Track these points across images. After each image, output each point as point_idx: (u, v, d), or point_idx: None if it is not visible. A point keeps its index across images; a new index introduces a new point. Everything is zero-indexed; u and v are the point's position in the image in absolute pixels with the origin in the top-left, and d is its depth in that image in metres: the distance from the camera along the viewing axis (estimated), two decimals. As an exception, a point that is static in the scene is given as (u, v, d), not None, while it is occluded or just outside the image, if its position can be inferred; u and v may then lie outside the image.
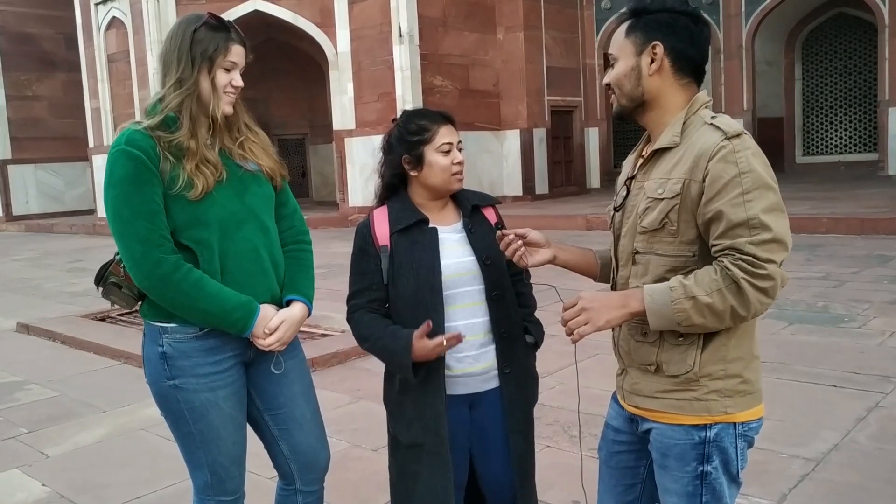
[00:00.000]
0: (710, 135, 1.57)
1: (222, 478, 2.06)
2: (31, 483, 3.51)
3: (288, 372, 2.13)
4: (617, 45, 1.69)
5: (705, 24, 1.68)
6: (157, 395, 2.05)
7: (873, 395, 3.93)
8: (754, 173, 1.52)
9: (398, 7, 14.14)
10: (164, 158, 1.92)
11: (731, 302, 1.50)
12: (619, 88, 1.69)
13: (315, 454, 2.17)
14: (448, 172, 2.02)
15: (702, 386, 1.62)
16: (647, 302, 1.56)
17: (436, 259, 1.99)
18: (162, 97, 1.98)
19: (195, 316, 1.96)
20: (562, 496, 2.97)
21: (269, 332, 2.01)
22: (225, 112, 2.01)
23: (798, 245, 8.49)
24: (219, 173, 1.97)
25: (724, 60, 16.50)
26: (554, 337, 2.35)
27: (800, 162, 18.19)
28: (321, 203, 19.22)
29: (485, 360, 2.03)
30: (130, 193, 1.89)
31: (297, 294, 2.11)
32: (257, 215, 2.05)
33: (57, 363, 5.74)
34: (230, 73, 1.99)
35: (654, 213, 1.61)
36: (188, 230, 1.95)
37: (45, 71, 21.72)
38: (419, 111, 2.11)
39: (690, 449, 1.64)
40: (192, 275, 1.93)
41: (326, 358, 5.11)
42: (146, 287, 1.95)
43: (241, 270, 2.01)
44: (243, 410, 2.10)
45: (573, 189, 17.18)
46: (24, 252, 14.52)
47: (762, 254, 1.49)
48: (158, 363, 2.00)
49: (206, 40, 1.95)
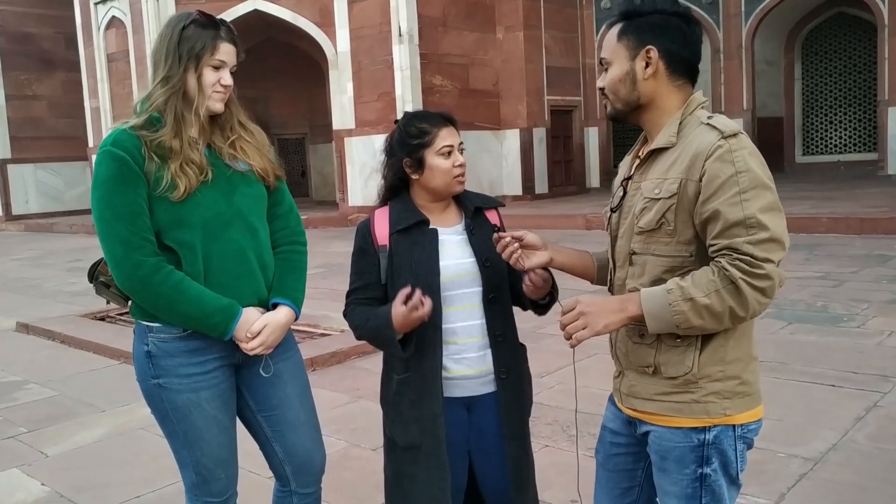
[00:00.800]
0: (707, 134, 1.57)
1: (207, 479, 2.05)
2: (30, 482, 3.51)
3: (281, 373, 2.11)
4: (609, 50, 1.68)
5: (697, 24, 1.67)
6: (144, 393, 2.06)
7: (872, 394, 3.93)
8: (751, 173, 1.52)
9: (398, 6, 14.13)
10: (149, 159, 1.90)
11: (729, 303, 1.49)
12: (614, 93, 1.68)
13: (309, 456, 2.15)
14: (449, 175, 2.01)
15: (700, 388, 1.61)
16: (644, 306, 1.55)
17: (435, 260, 1.99)
18: (148, 95, 1.97)
19: (175, 318, 1.95)
20: (561, 496, 2.97)
21: (251, 335, 1.98)
22: (215, 110, 1.99)
23: (797, 245, 8.50)
24: (203, 174, 1.95)
25: (724, 60, 16.50)
26: (553, 336, 2.35)
27: (799, 161, 18.19)
28: (321, 203, 19.23)
29: (482, 363, 2.03)
30: (113, 195, 1.89)
31: (283, 297, 2.08)
32: (245, 216, 2.03)
33: (56, 363, 5.75)
34: (218, 72, 1.97)
35: (651, 213, 1.61)
36: (171, 231, 1.94)
37: (44, 70, 21.71)
38: (420, 113, 2.09)
39: (689, 451, 1.63)
40: (173, 277, 1.91)
41: (325, 357, 5.11)
42: (127, 289, 1.95)
43: (225, 272, 1.99)
44: (229, 413, 2.08)
45: (573, 189, 17.18)
46: (23, 252, 14.52)
47: (759, 253, 1.48)
48: (144, 361, 2.01)
49: (194, 38, 1.94)
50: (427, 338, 1.98)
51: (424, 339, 1.98)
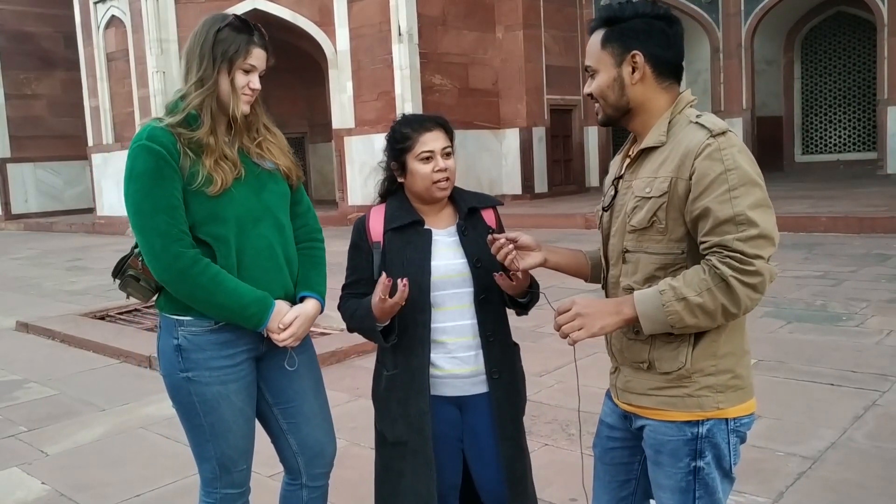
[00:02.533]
0: (696, 133, 1.59)
1: (230, 470, 2.09)
2: (30, 481, 3.51)
3: (298, 367, 2.15)
4: (594, 57, 1.68)
5: (678, 23, 1.69)
6: (169, 387, 2.08)
7: (871, 393, 3.94)
8: (740, 170, 1.54)
9: (397, 6, 14.13)
10: (183, 154, 1.95)
11: (721, 300, 1.51)
12: (603, 99, 1.69)
13: (322, 448, 2.20)
14: (429, 181, 2.00)
15: (694, 382, 1.63)
16: (638, 308, 1.57)
17: (426, 260, 2.00)
18: (184, 95, 2.01)
19: (212, 310, 1.99)
20: (560, 494, 2.98)
21: (283, 327, 2.04)
22: (242, 112, 2.04)
23: (796, 244, 8.51)
24: (237, 170, 2.01)
25: (724, 59, 16.51)
26: (552, 335, 2.36)
27: (799, 161, 18.20)
28: (320, 202, 19.20)
29: (473, 363, 2.04)
30: (151, 188, 1.93)
31: (310, 291, 2.15)
32: (273, 213, 2.09)
33: (56, 362, 5.75)
34: (249, 76, 2.02)
35: (643, 211, 1.63)
36: (206, 225, 1.98)
37: (44, 69, 21.69)
38: (408, 118, 2.09)
39: (683, 445, 1.65)
40: (210, 269, 1.96)
41: (325, 356, 5.11)
42: (165, 280, 1.98)
43: (256, 266, 2.04)
44: (253, 404, 2.13)
45: (572, 188, 17.18)
46: (23, 251, 14.51)
47: (749, 250, 1.50)
48: (173, 355, 2.03)
49: (228, 41, 1.98)
50: (416, 336, 2.00)
51: (413, 336, 2.00)
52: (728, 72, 16.50)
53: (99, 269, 10.39)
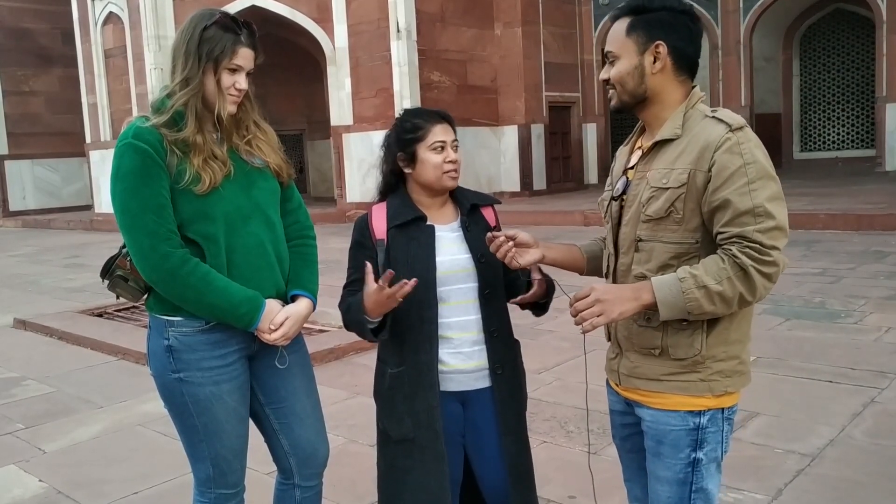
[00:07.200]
0: (715, 127, 1.63)
1: (224, 471, 2.08)
2: (27, 479, 3.50)
3: (290, 366, 2.14)
4: (618, 43, 1.71)
5: (700, 21, 1.74)
6: (161, 388, 2.06)
7: (869, 390, 3.94)
8: (758, 164, 1.60)
9: (396, 2, 14.10)
10: (170, 152, 1.92)
11: (739, 289, 1.57)
12: (620, 86, 1.72)
13: (314, 449, 2.18)
14: (440, 170, 2.02)
15: (707, 367, 1.68)
16: (657, 294, 1.60)
17: (431, 256, 2.00)
18: (170, 93, 1.98)
19: (202, 310, 1.97)
20: (559, 491, 2.98)
21: (274, 326, 2.02)
22: (229, 112, 2.01)
23: (795, 241, 8.50)
24: (226, 168, 1.98)
25: (722, 56, 16.50)
26: (551, 333, 2.36)
27: (797, 158, 18.20)
28: (319, 199, 19.20)
29: (477, 358, 2.04)
30: (138, 186, 1.90)
31: (301, 289, 2.13)
32: (263, 210, 2.06)
33: (54, 359, 5.74)
34: (235, 75, 1.98)
35: (660, 201, 1.66)
36: (195, 224, 1.96)
37: (41, 66, 21.65)
38: (416, 110, 2.12)
39: (685, 435, 1.70)
40: (200, 269, 1.93)
41: (324, 353, 5.11)
42: (154, 281, 1.95)
43: (247, 265, 2.02)
44: (246, 404, 2.11)
45: (571, 185, 17.17)
46: (20, 248, 14.49)
47: (767, 241, 1.56)
48: (164, 356, 2.01)
49: (215, 40, 1.95)
50: (423, 331, 2.00)
51: (420, 332, 2.00)
52: (727, 69, 16.50)
53: (97, 267, 10.31)
